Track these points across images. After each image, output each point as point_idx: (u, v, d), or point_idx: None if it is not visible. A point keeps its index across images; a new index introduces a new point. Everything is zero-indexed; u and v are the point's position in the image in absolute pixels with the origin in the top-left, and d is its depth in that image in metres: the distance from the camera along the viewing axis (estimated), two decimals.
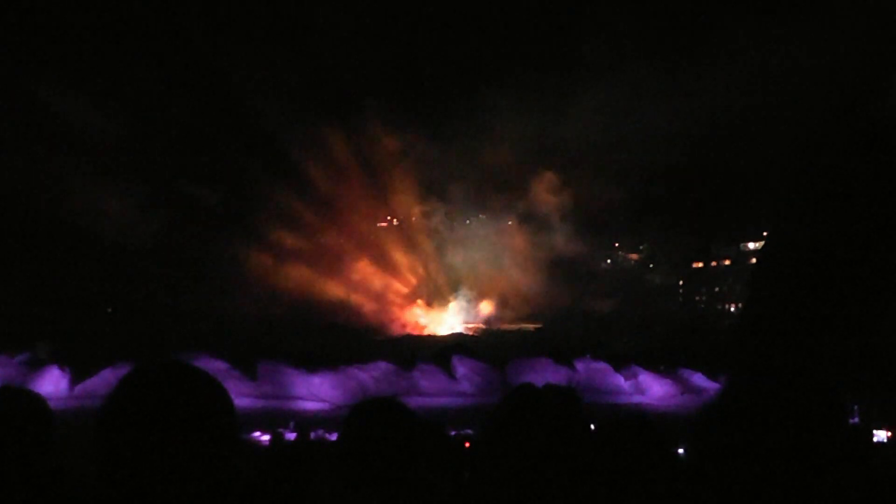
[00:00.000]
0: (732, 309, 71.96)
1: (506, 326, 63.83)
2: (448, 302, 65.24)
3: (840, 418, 2.22)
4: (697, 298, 78.42)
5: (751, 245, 71.44)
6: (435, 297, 65.54)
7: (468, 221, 69.11)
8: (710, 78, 56.72)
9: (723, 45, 56.21)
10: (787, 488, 1.95)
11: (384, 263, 64.90)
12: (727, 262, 75.86)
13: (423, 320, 63.80)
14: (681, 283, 79.33)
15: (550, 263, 65.82)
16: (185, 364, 2.23)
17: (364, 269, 63.32)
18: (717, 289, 77.12)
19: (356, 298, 61.23)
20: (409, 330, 61.16)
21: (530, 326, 62.92)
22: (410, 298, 64.79)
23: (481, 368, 33.54)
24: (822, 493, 1.92)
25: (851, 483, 2.05)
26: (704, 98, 56.60)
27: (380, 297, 62.99)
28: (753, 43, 54.62)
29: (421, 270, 66.21)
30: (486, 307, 65.64)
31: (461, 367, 33.42)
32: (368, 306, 61.45)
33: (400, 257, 66.10)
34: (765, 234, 62.19)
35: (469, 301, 65.31)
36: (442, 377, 33.20)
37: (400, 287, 64.84)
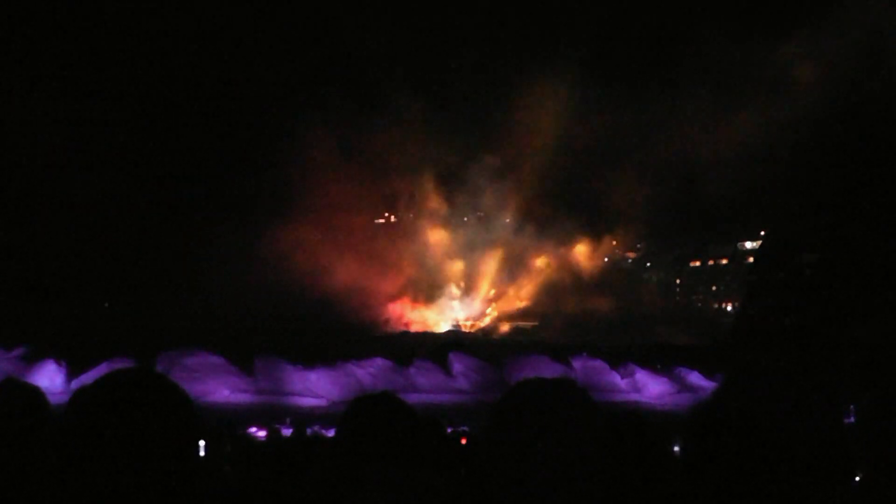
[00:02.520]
0: (729, 308, 72.01)
1: (502, 324, 63.80)
2: (437, 299, 65.11)
3: (834, 418, 2.23)
4: (695, 297, 78.49)
5: (748, 244, 71.45)
6: (424, 294, 65.41)
7: (465, 219, 69.04)
8: (709, 78, 56.71)
9: (719, 46, 56.22)
10: (780, 487, 1.95)
11: (376, 260, 64.74)
12: (724, 261, 75.93)
13: (411, 317, 63.63)
14: (678, 281, 79.41)
15: (546, 262, 65.83)
16: (145, 370, 2.23)
17: (355, 266, 63.09)
18: (714, 287, 77.20)
19: (347, 294, 61.05)
20: (392, 327, 61.05)
21: (527, 324, 62.90)
22: (398, 295, 64.59)
23: (478, 365, 33.57)
24: (815, 492, 1.93)
25: (844, 483, 2.06)
26: (703, 96, 56.58)
27: (368, 294, 62.76)
28: (751, 46, 54.66)
29: (412, 267, 66.03)
30: (477, 305, 65.60)
31: (458, 364, 33.45)
32: (357, 302, 61.26)
33: (392, 254, 65.97)
34: (762, 232, 62.19)
35: (455, 299, 65.20)
36: (439, 374, 33.23)
37: (390, 284, 64.61)
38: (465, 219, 69.13)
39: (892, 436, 2.68)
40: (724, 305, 74.11)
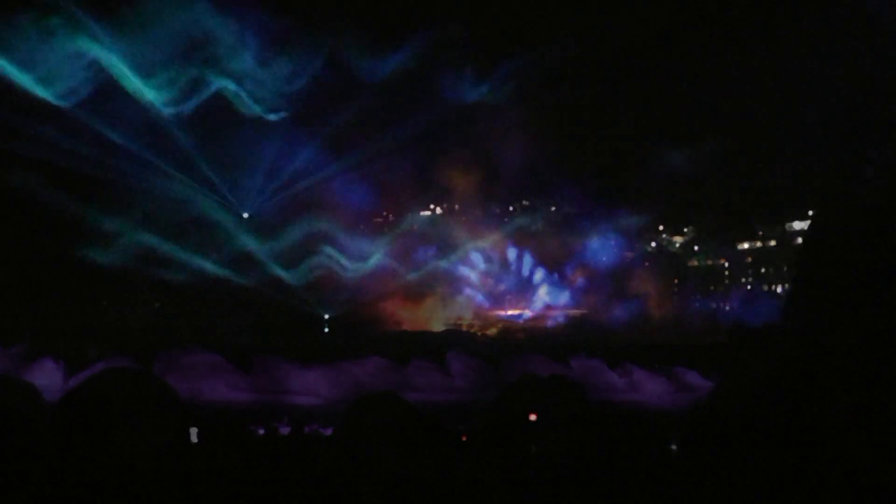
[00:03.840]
0: (728, 308, 71.85)
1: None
2: (429, 297, 64.64)
3: (830, 419, 2.24)
4: (743, 280, 77.81)
5: (796, 224, 70.10)
6: (416, 293, 64.90)
7: (465, 215, 68.65)
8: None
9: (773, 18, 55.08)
10: (777, 485, 1.97)
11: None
12: (723, 262, 75.74)
13: (403, 315, 63.19)
14: (675, 281, 79.31)
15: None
16: (132, 368, 2.27)
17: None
18: (711, 287, 77.05)
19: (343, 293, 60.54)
20: (386, 325, 60.57)
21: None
22: (392, 294, 64.10)
23: (476, 364, 33.55)
24: (811, 489, 1.94)
25: (842, 483, 2.07)
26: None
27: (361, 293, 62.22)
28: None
29: (407, 266, 65.57)
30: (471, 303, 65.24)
31: (456, 364, 33.44)
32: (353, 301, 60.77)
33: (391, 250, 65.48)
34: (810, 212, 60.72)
35: (447, 298, 64.75)
36: (436, 373, 33.21)
37: (384, 283, 64.09)
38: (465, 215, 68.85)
39: (886, 437, 2.70)
40: (723, 305, 73.74)
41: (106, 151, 52.80)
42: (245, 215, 59.79)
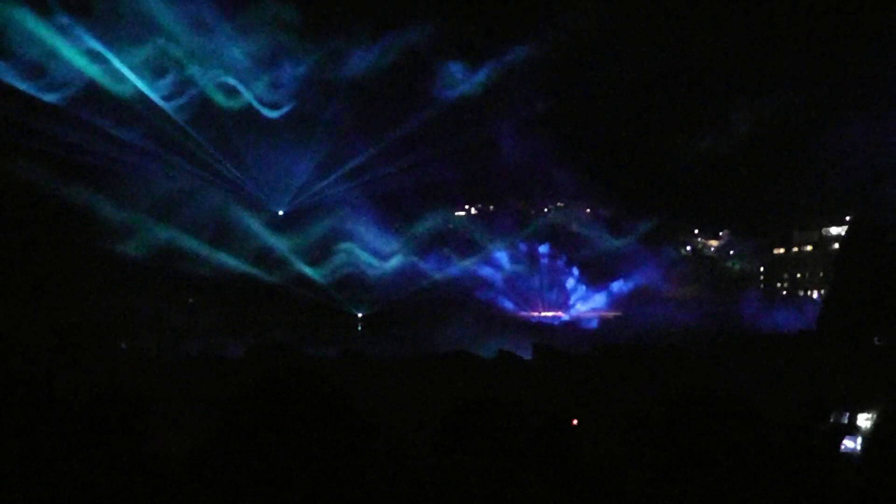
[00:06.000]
0: (815, 295, 70.12)
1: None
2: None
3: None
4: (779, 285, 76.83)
5: (833, 230, 68.94)
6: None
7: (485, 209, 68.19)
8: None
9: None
10: None
11: None
12: (759, 269, 74.66)
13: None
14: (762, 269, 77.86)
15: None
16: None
17: None
18: (798, 275, 75.33)
19: None
20: None
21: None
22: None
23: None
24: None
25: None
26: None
27: None
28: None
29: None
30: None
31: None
32: None
33: None
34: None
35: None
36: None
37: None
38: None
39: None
40: (809, 293, 71.63)
41: (138, 151, 53.25)
42: (280, 212, 60.05)
